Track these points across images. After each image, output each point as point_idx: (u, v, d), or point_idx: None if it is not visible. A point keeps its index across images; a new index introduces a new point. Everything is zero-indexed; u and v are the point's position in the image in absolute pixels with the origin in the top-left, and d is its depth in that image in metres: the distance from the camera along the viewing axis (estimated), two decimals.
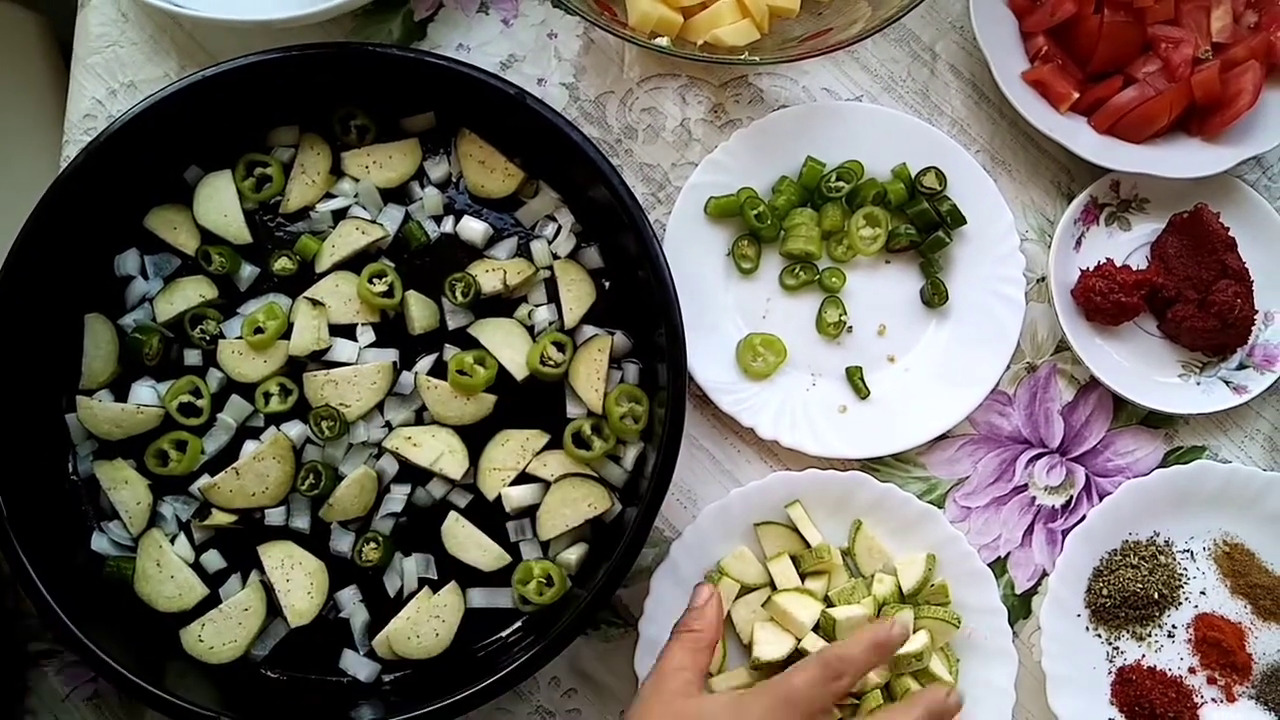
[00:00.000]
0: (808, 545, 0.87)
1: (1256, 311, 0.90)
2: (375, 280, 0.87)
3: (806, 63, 0.94)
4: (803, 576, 0.87)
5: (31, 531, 0.80)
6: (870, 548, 0.87)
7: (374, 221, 0.89)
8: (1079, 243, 0.92)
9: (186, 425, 0.85)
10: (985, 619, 0.85)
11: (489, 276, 0.87)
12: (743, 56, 0.82)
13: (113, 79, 0.95)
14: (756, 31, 0.88)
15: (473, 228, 0.89)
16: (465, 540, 0.85)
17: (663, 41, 0.82)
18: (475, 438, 0.86)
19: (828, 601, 0.86)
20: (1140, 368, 0.91)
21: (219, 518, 0.84)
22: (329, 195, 0.90)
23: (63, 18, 1.15)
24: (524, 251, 0.89)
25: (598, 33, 0.94)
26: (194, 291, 0.88)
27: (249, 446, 0.86)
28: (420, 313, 0.87)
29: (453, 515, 0.85)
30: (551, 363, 0.86)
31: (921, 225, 0.91)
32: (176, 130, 0.86)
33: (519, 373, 0.87)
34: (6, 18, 1.45)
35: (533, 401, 0.87)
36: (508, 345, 0.87)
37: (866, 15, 0.84)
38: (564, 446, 0.86)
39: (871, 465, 0.90)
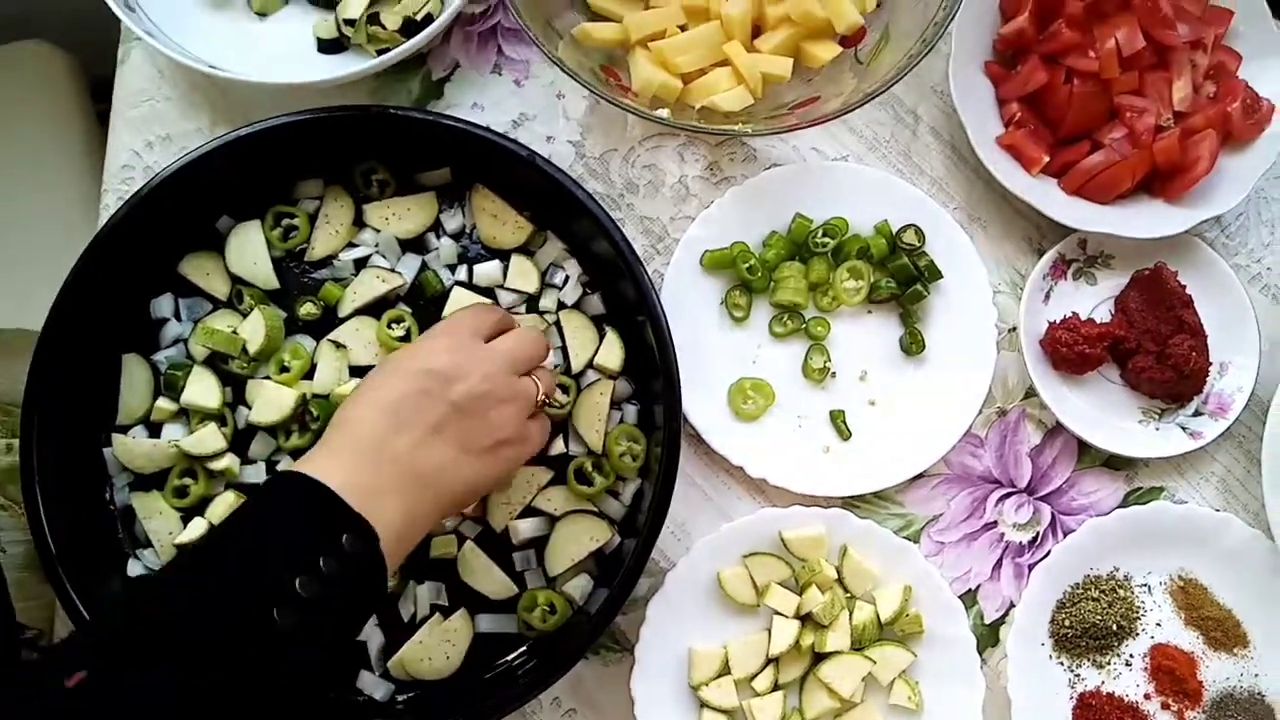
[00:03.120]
0: (793, 571, 0.93)
1: (1211, 363, 0.97)
2: (394, 325, 0.93)
3: None
4: (800, 590, 0.93)
5: (73, 558, 0.86)
6: (857, 571, 0.93)
7: (393, 270, 0.96)
8: (1048, 296, 0.99)
9: (206, 457, 0.91)
10: (955, 647, 0.91)
11: None
12: (736, 126, 0.88)
13: (149, 132, 1.01)
14: (750, 98, 0.95)
15: (487, 271, 0.95)
16: (478, 569, 0.91)
17: (663, 113, 0.88)
18: None
19: (810, 618, 0.92)
20: (1103, 414, 0.98)
21: None
22: (351, 245, 0.96)
23: (93, 56, 1.22)
24: (534, 306, 0.96)
25: None
26: (224, 323, 0.94)
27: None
28: None
29: (469, 545, 0.91)
30: (556, 405, 0.93)
31: (901, 279, 0.97)
32: (211, 184, 0.92)
33: None
34: (40, 54, 1.52)
35: None
36: None
37: (852, 87, 0.91)
38: (567, 482, 0.92)
39: (853, 502, 0.96)
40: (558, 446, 0.93)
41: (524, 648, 0.91)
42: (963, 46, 0.98)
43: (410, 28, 0.96)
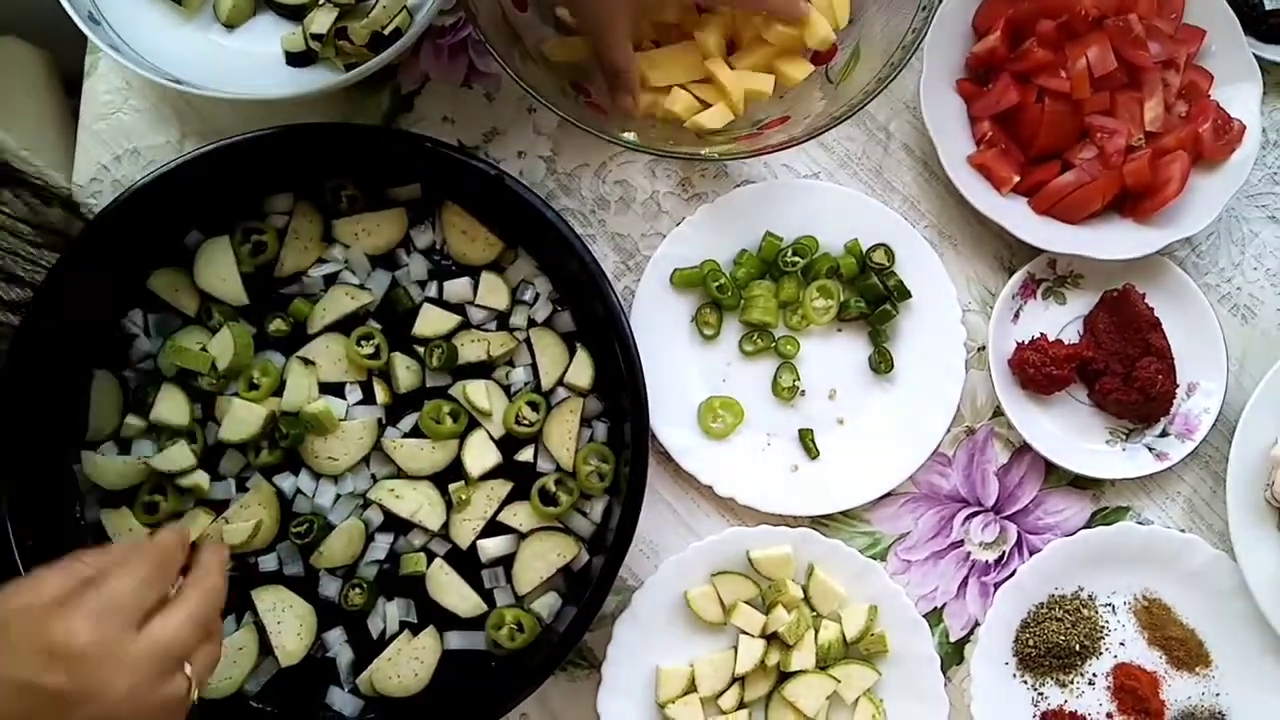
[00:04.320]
0: (761, 590, 0.94)
1: (1178, 385, 0.97)
2: (363, 342, 0.94)
3: None
4: (768, 609, 0.93)
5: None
6: (824, 590, 0.94)
7: (362, 286, 0.95)
8: (1017, 315, 0.99)
9: (175, 474, 0.91)
10: (920, 666, 0.92)
11: (474, 346, 0.94)
12: (703, 151, 0.88)
13: (117, 145, 1.01)
14: (731, 114, 0.94)
15: (457, 288, 0.95)
16: (447, 586, 0.92)
17: (630, 136, 0.88)
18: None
19: (776, 636, 0.93)
20: (1070, 434, 0.98)
21: None
22: (320, 260, 0.96)
23: (66, 54, 1.21)
24: (504, 323, 0.96)
25: None
26: (192, 340, 0.94)
27: (237, 496, 0.92)
28: (404, 373, 0.94)
29: (437, 562, 0.92)
30: (526, 422, 0.93)
31: (870, 298, 0.98)
32: (179, 199, 0.91)
33: (496, 431, 0.94)
34: (11, 52, 1.51)
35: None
36: (485, 404, 0.94)
37: (821, 108, 0.91)
38: (531, 502, 0.92)
39: (821, 520, 0.97)
40: (525, 456, 0.93)
41: (492, 664, 0.92)
42: (935, 64, 0.98)
43: (378, 41, 0.95)
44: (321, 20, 0.96)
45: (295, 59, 0.98)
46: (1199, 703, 0.95)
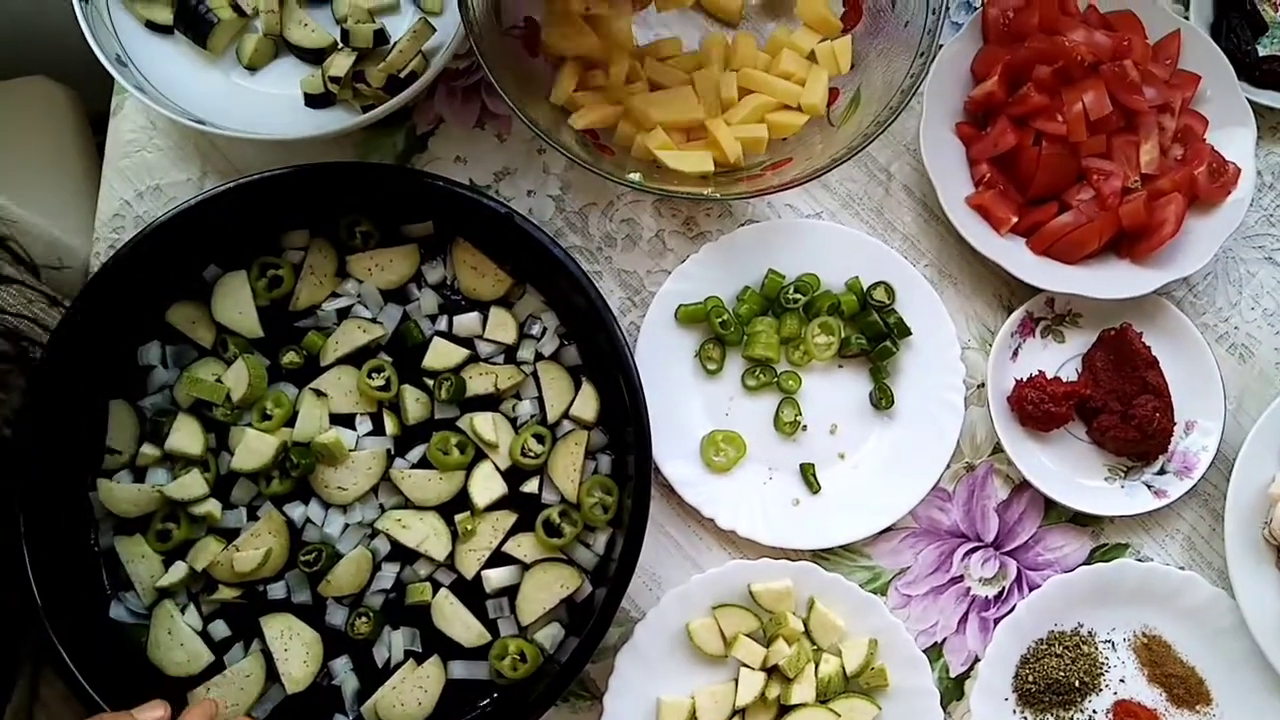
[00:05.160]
0: (761, 623, 0.95)
1: (1175, 424, 0.98)
2: (374, 375, 0.96)
3: None
4: (768, 642, 0.94)
5: (56, 597, 0.88)
6: (824, 624, 0.95)
7: (375, 320, 0.98)
8: (1016, 353, 1.01)
9: (188, 502, 0.93)
10: (920, 700, 0.93)
11: (482, 379, 0.96)
12: (705, 191, 0.91)
13: (140, 181, 1.04)
14: (729, 161, 0.97)
15: (466, 322, 0.98)
16: (452, 617, 0.93)
17: (635, 176, 0.90)
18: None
19: (776, 669, 0.93)
20: (1069, 471, 0.99)
21: (224, 593, 0.92)
22: (334, 295, 0.99)
23: (93, 93, 1.25)
24: (512, 356, 0.98)
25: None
26: (208, 372, 0.97)
27: (248, 524, 0.94)
28: (413, 405, 0.96)
29: (443, 592, 0.93)
30: (531, 454, 0.95)
31: (871, 335, 0.99)
32: (198, 234, 0.94)
33: (503, 463, 0.95)
34: (41, 90, 1.56)
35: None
36: (491, 435, 0.96)
37: (819, 152, 0.93)
38: (535, 533, 0.94)
39: (822, 554, 0.98)
40: (530, 488, 0.95)
41: (495, 694, 0.93)
42: (934, 107, 1.00)
43: (395, 84, 0.99)
44: (340, 64, 0.99)
45: (314, 100, 1.01)
46: None
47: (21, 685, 0.93)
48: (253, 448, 0.94)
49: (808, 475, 0.99)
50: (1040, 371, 0.99)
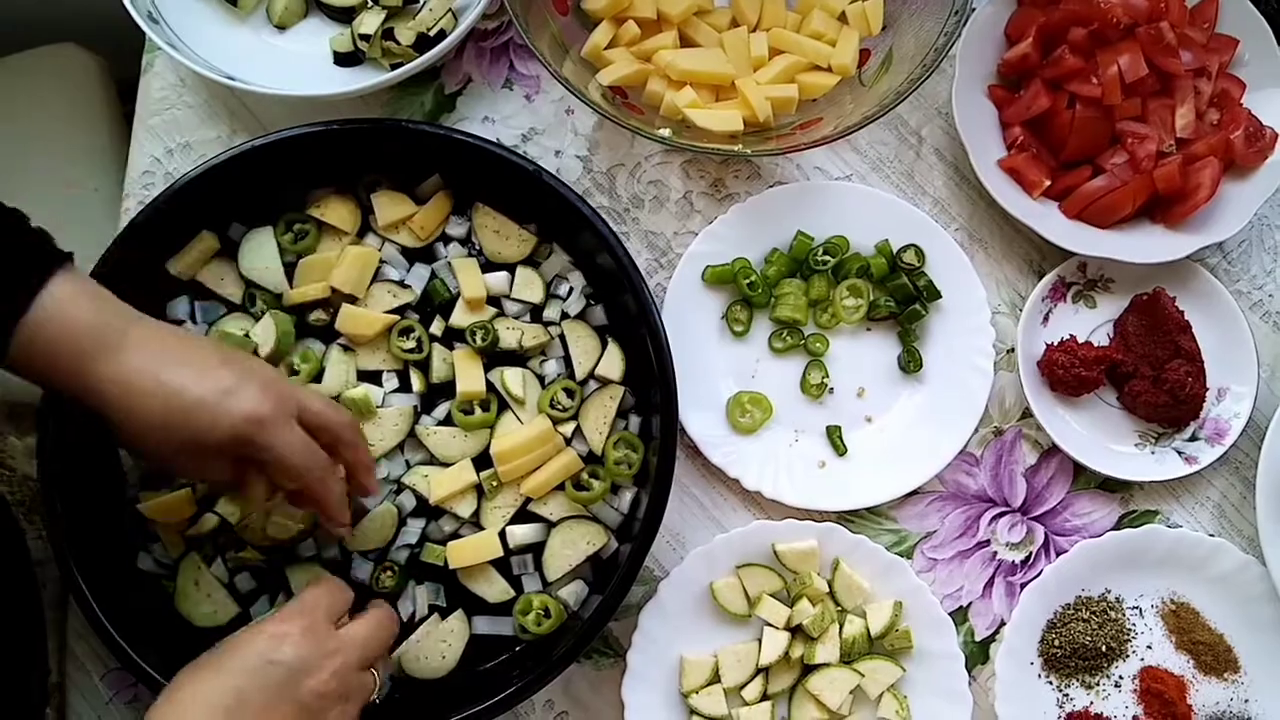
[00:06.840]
0: (785, 583, 0.95)
1: (1207, 389, 0.97)
2: (404, 335, 0.96)
3: None
4: (792, 602, 0.94)
5: (84, 547, 0.89)
6: (849, 585, 0.94)
7: (403, 284, 0.98)
8: (1046, 318, 1.00)
9: None
10: (944, 663, 0.92)
11: (509, 334, 0.96)
12: (736, 147, 0.90)
13: (170, 139, 1.05)
14: (756, 120, 0.96)
15: (494, 281, 0.97)
16: (477, 572, 0.93)
17: (665, 132, 0.90)
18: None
19: (800, 630, 0.93)
20: (1098, 436, 0.98)
21: (250, 554, 0.92)
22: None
23: (122, 59, 1.25)
24: (538, 316, 0.98)
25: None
26: (236, 326, 0.97)
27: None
28: (440, 364, 0.96)
29: None
30: (560, 407, 0.95)
31: (900, 298, 0.99)
32: (226, 190, 0.95)
33: (528, 418, 0.95)
34: (70, 57, 1.56)
35: None
36: (519, 391, 0.96)
37: (849, 111, 0.93)
38: (565, 488, 0.94)
39: (847, 517, 0.98)
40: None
41: (519, 649, 0.93)
42: (967, 70, 0.99)
43: (424, 43, 0.98)
44: (369, 22, 0.99)
45: (343, 59, 1.01)
46: (1227, 709, 0.94)
47: (50, 638, 0.94)
48: None
49: (834, 438, 0.98)
50: (1071, 335, 0.98)
